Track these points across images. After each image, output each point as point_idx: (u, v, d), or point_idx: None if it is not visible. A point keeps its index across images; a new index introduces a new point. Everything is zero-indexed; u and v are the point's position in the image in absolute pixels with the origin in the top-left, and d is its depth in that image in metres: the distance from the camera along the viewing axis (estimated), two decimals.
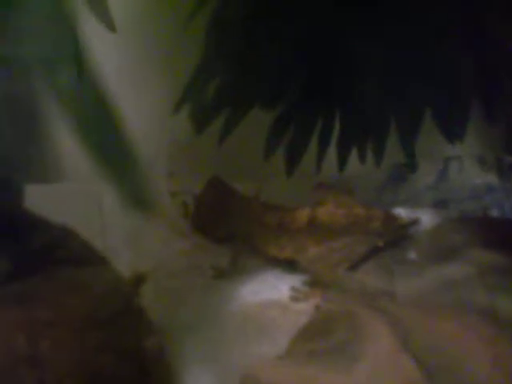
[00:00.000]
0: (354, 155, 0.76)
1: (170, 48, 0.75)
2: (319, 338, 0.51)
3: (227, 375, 0.53)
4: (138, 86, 0.74)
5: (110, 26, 0.61)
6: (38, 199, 0.55)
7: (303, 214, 0.68)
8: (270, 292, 0.64)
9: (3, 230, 0.47)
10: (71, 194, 0.77)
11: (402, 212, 0.73)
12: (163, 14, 0.74)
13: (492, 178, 0.78)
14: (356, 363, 0.46)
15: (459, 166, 0.80)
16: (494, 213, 0.74)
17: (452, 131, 0.74)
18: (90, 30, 0.63)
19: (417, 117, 0.74)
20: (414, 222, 0.70)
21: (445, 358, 0.45)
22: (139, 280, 0.58)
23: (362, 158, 0.75)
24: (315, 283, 0.65)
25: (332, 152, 0.76)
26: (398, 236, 0.68)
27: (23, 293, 0.46)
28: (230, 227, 0.70)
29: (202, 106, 0.74)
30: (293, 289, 0.64)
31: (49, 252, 0.51)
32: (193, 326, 0.59)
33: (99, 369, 0.44)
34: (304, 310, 0.59)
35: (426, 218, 0.71)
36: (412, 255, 0.64)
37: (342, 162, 0.76)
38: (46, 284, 0.47)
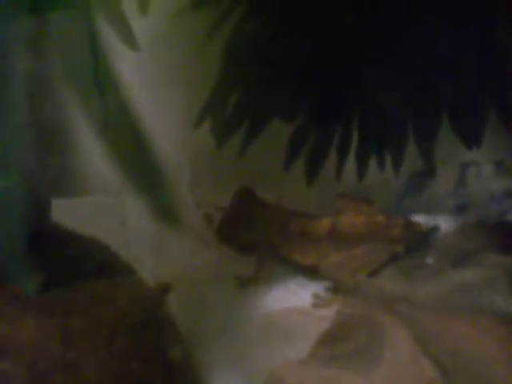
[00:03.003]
0: (373, 164, 0.77)
1: (191, 63, 0.76)
2: (340, 343, 0.52)
3: (252, 380, 0.54)
4: (161, 101, 0.75)
5: (133, 45, 0.62)
6: (64, 213, 0.57)
7: (325, 223, 0.69)
8: (293, 299, 0.65)
9: (34, 244, 0.48)
10: (96, 207, 0.79)
11: (421, 219, 0.73)
12: (184, 30, 0.76)
13: (510, 183, 0.78)
14: (376, 366, 0.47)
15: (477, 172, 0.80)
16: None
17: (470, 137, 0.75)
18: (112, 48, 0.65)
19: (434, 123, 0.75)
20: (434, 229, 0.70)
21: (462, 360, 0.46)
22: (164, 289, 0.58)
23: (381, 166, 0.77)
24: (337, 289, 0.66)
25: (351, 161, 0.77)
26: (417, 243, 0.69)
27: (55, 303, 0.47)
28: (255, 236, 0.71)
29: (223, 119, 0.75)
30: (315, 295, 0.66)
31: (77, 264, 0.52)
32: (217, 334, 0.60)
33: (126, 376, 0.46)
34: (326, 316, 0.60)
35: (445, 225, 0.72)
36: (430, 260, 0.65)
37: (362, 170, 0.77)
38: (74, 295, 0.49)
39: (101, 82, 0.43)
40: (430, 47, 0.72)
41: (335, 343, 0.53)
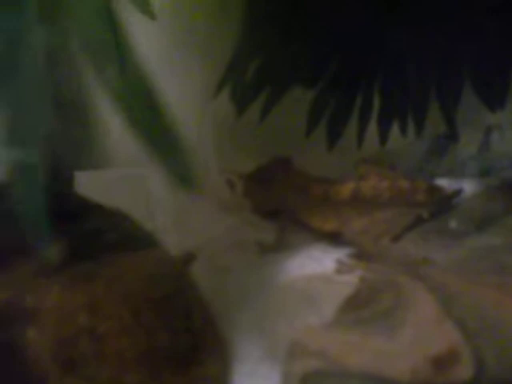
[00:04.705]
0: (394, 127, 0.76)
1: (209, 30, 0.76)
2: (364, 307, 0.53)
3: (275, 344, 0.54)
4: (179, 70, 0.75)
5: (150, 14, 0.62)
6: (87, 186, 0.57)
7: (347, 188, 0.69)
8: (315, 265, 0.65)
9: (58, 215, 0.48)
10: (119, 179, 0.79)
11: (444, 183, 0.73)
12: None
13: None
14: (400, 329, 0.47)
15: (500, 135, 0.79)
16: None
17: (493, 99, 0.74)
18: (129, 17, 0.64)
19: (457, 86, 0.74)
20: (457, 192, 0.70)
21: (486, 323, 0.46)
22: (188, 258, 0.59)
23: (404, 130, 0.76)
24: (359, 255, 0.66)
25: (373, 125, 0.77)
26: (441, 207, 0.68)
27: (80, 274, 0.48)
28: (277, 202, 0.71)
29: (243, 86, 0.75)
30: (337, 261, 0.66)
31: (101, 236, 0.52)
32: (240, 300, 0.60)
33: (154, 347, 0.46)
34: (349, 282, 0.60)
35: (469, 188, 0.71)
36: (454, 224, 0.65)
37: (384, 135, 0.76)
38: (99, 267, 0.49)
39: (116, 49, 0.43)
40: (453, 10, 0.70)
41: (359, 308, 0.53)
